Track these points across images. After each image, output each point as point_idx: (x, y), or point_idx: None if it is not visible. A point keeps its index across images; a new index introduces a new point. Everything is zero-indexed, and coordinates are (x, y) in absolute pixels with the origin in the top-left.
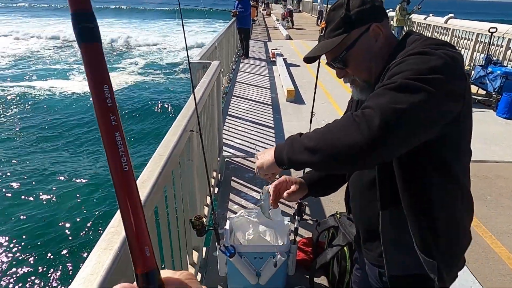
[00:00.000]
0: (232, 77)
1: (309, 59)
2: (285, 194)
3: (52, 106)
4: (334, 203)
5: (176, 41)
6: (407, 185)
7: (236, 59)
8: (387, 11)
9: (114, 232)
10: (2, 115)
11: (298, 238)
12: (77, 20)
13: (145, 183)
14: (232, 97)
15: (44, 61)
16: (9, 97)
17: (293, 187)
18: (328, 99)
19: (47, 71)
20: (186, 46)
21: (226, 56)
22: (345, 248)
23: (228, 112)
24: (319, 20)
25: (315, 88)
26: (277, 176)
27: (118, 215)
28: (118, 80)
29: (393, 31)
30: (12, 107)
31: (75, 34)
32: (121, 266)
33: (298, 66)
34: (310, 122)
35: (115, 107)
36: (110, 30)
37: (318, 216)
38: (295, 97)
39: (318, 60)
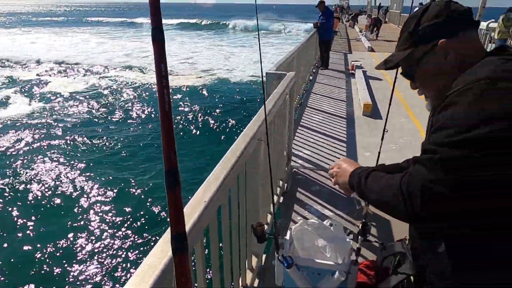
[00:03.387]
0: (308, 88)
1: (378, 68)
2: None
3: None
4: (403, 226)
5: (252, 54)
6: None
7: (314, 70)
8: (488, 22)
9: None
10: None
11: (360, 260)
12: (155, 31)
13: (212, 182)
14: (306, 108)
15: None
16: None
17: None
18: (410, 116)
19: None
20: (260, 57)
21: (305, 66)
22: (411, 277)
23: (301, 123)
24: None
25: (389, 105)
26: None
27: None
28: (192, 83)
29: (494, 45)
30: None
31: (152, 37)
32: None
33: (380, 79)
34: (382, 139)
35: (166, 71)
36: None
37: (385, 239)
38: (372, 112)
39: (395, 74)
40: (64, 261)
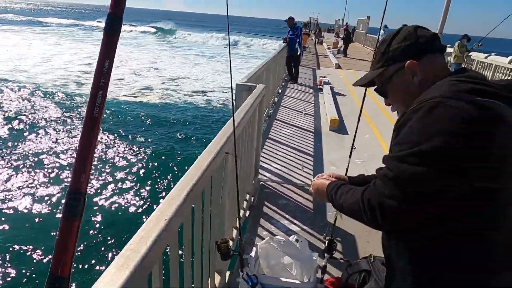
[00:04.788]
0: (277, 101)
1: (356, 85)
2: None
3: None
4: (369, 243)
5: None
6: None
7: (283, 83)
8: (446, 46)
9: (133, 250)
10: None
11: (326, 276)
12: (111, 19)
13: (173, 200)
14: (275, 120)
15: None
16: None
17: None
18: (373, 130)
19: None
20: (230, 67)
21: (274, 79)
22: None
23: (269, 136)
24: None
25: (358, 122)
26: None
27: (137, 235)
28: (158, 95)
29: (450, 68)
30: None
31: (106, 25)
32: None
33: (345, 95)
34: (350, 156)
35: (110, 69)
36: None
37: (350, 256)
38: (339, 127)
39: (364, 92)
40: None
